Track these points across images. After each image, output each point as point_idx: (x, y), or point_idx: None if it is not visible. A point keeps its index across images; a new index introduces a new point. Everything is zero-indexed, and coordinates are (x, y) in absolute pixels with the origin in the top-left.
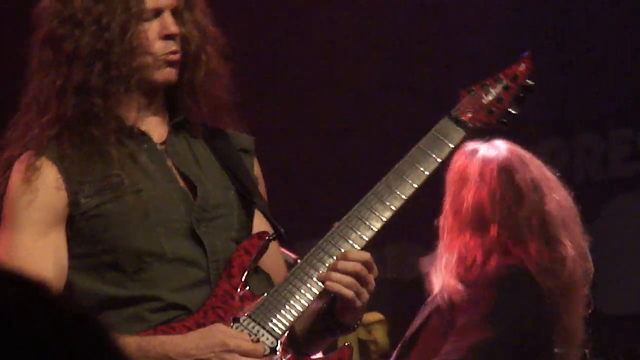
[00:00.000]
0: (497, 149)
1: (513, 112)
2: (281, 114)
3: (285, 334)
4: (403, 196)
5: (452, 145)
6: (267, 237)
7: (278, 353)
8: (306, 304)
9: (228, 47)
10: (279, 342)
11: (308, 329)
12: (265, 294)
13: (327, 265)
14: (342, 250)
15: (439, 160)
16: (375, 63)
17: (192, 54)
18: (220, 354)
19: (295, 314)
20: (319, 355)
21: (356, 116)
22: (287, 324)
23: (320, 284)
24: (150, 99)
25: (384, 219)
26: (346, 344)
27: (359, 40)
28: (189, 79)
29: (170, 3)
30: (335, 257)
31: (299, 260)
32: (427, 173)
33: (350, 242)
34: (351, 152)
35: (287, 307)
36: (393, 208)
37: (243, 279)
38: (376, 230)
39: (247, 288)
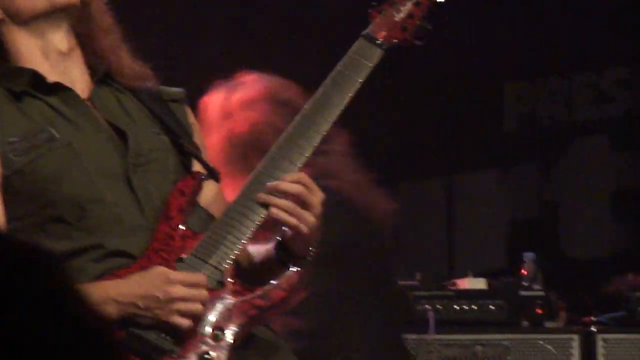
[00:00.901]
0: (256, 81)
1: (427, 27)
2: None
3: (230, 267)
4: (330, 119)
5: (371, 65)
6: (200, 176)
7: (225, 286)
8: (249, 234)
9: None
10: (225, 274)
11: (257, 261)
12: (207, 231)
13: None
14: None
15: (360, 81)
16: None
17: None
18: (163, 287)
19: (239, 246)
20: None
21: None
22: (232, 256)
23: (260, 212)
24: (65, 47)
25: (313, 144)
26: (294, 269)
27: None
28: (95, 10)
29: None
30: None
31: None
32: (350, 95)
33: (283, 168)
34: None
35: (230, 240)
36: (320, 132)
37: (182, 219)
38: (308, 155)
39: (187, 227)
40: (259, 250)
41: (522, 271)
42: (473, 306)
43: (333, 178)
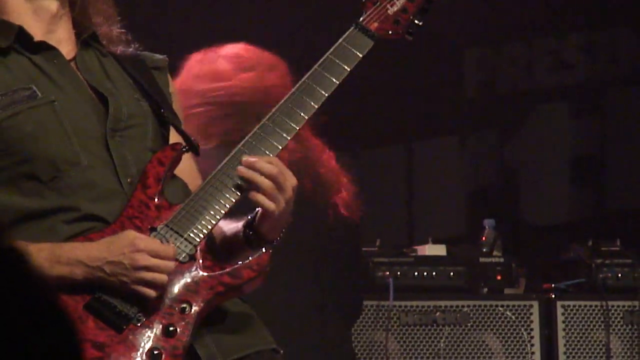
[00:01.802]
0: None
1: (418, 23)
2: None
3: (203, 241)
4: (314, 104)
5: (360, 55)
6: (180, 148)
7: (196, 260)
8: (223, 211)
9: None
10: (197, 249)
11: (227, 239)
12: (183, 203)
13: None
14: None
15: (348, 69)
16: None
17: None
18: (130, 254)
19: (213, 221)
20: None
21: None
22: (205, 230)
23: (237, 189)
24: (53, 11)
25: (297, 128)
26: (264, 249)
27: None
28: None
29: None
30: None
31: None
32: (336, 82)
33: (264, 149)
34: None
35: (205, 214)
36: (305, 116)
37: (159, 189)
38: (289, 138)
39: (164, 198)
40: (229, 226)
41: (482, 238)
42: (433, 272)
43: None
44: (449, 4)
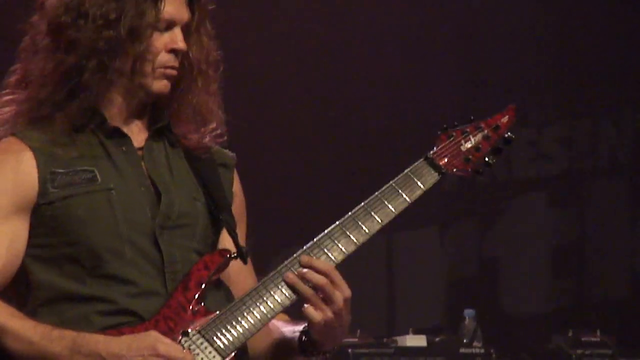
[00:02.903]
0: None
1: (490, 162)
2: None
3: (233, 353)
4: (368, 232)
5: (423, 188)
6: (228, 255)
7: None
8: (261, 322)
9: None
10: None
11: (282, 340)
12: (219, 311)
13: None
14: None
15: (409, 201)
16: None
17: (192, 75)
18: (149, 358)
19: (247, 333)
20: None
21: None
22: (236, 342)
23: (278, 300)
24: (137, 105)
25: (346, 252)
26: None
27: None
28: (184, 98)
29: (184, 18)
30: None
31: None
32: (394, 212)
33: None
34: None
35: (240, 324)
36: (356, 242)
37: (199, 293)
38: (337, 262)
39: (202, 304)
40: (287, 327)
41: (462, 328)
42: None
43: None
44: (428, 94)
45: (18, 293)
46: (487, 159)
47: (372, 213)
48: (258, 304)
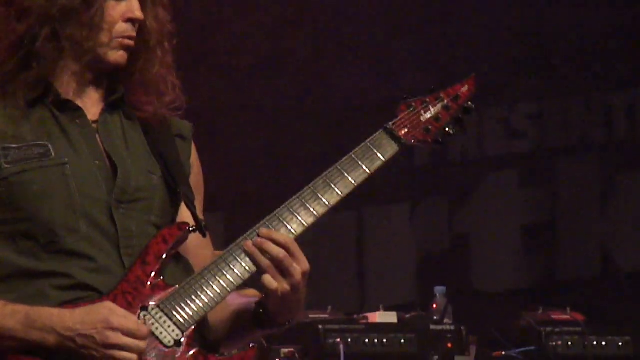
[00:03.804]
0: None
1: (449, 132)
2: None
3: (192, 327)
4: (327, 203)
5: (383, 159)
6: (187, 228)
7: (181, 347)
8: (220, 295)
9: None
10: (184, 334)
11: (236, 313)
12: (178, 285)
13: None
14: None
15: (369, 172)
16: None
17: (149, 46)
18: (103, 331)
19: (206, 307)
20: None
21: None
22: (195, 316)
23: (238, 273)
24: (92, 76)
25: (306, 225)
26: (251, 344)
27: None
28: (141, 69)
29: None
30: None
31: None
32: (354, 183)
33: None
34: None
35: (199, 298)
36: (316, 214)
37: (157, 267)
38: (296, 234)
39: (161, 277)
40: (240, 300)
41: (433, 305)
42: (384, 340)
43: None
44: (401, 71)
45: None
46: (447, 128)
47: (332, 184)
48: (217, 277)
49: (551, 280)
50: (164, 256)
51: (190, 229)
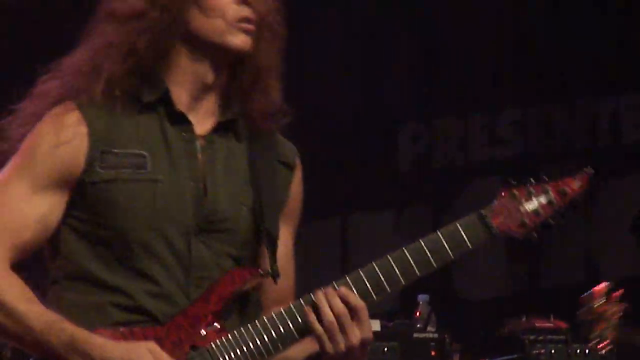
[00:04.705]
0: None
1: (550, 225)
2: None
3: None
4: (403, 282)
5: (470, 247)
6: (259, 275)
7: None
8: (275, 350)
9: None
10: None
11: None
12: (235, 331)
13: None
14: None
15: (452, 257)
16: None
17: (261, 32)
18: None
19: (259, 357)
20: None
21: None
22: None
23: (293, 328)
24: (210, 82)
25: (379, 298)
26: None
27: None
28: (255, 63)
29: None
30: None
31: None
32: (435, 266)
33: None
34: None
35: (251, 348)
36: (388, 290)
37: (219, 308)
38: (371, 303)
39: (220, 319)
40: (299, 353)
41: (416, 313)
42: None
43: None
44: (385, 78)
45: (48, 257)
46: (545, 222)
47: (412, 262)
48: (280, 326)
49: (535, 288)
50: (228, 298)
51: (261, 275)
